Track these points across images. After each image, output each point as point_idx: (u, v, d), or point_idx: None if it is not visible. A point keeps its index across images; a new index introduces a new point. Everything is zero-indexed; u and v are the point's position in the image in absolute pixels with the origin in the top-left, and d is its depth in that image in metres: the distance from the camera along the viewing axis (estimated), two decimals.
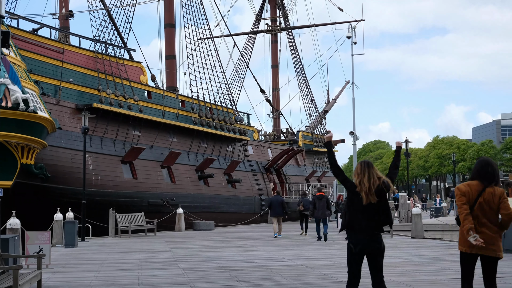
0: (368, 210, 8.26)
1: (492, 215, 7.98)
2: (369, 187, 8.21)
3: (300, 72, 72.86)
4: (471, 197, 7.99)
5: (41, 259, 13.00)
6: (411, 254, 20.51)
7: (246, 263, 18.10)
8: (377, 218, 8.31)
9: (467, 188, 8.05)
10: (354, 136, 36.43)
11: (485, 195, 7.97)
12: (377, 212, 8.30)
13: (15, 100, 25.44)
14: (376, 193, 8.25)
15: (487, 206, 7.96)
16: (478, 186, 8.03)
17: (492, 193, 7.98)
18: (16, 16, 35.69)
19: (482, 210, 7.96)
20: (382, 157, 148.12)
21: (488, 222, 7.96)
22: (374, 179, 8.25)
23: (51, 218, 26.85)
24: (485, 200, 7.96)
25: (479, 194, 7.98)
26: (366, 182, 8.22)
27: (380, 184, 8.26)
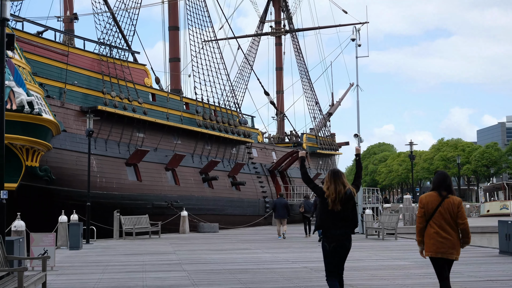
0: (335, 214, 9.29)
1: (453, 222, 9.04)
2: (335, 197, 9.24)
3: (304, 74, 72.85)
4: (430, 207, 9.09)
5: (45, 261, 13.02)
6: (415, 257, 20.46)
7: (250, 266, 18.10)
8: (345, 222, 9.33)
9: (427, 199, 9.15)
10: (358, 139, 36.31)
11: (445, 204, 9.03)
12: (344, 216, 9.30)
13: (20, 102, 25.49)
14: (340, 202, 9.24)
15: (447, 214, 9.02)
16: (437, 197, 9.12)
17: (451, 203, 9.05)
18: (21, 19, 35.76)
19: (444, 218, 9.02)
20: (387, 159, 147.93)
21: (449, 228, 9.02)
22: (339, 188, 9.27)
23: (55, 220, 26.89)
24: (445, 209, 9.02)
25: (439, 204, 9.05)
26: (333, 192, 9.25)
27: (343, 194, 9.25)
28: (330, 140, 73.09)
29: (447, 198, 9.08)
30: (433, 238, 9.04)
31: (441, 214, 9.02)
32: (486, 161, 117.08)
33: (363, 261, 19.17)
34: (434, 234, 9.04)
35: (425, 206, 9.14)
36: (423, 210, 9.17)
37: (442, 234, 9.00)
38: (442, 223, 9.02)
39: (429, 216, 9.10)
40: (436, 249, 9.02)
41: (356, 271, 16.49)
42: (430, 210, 9.09)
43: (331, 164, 73.43)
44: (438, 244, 9.00)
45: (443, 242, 8.99)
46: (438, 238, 9.00)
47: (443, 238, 8.99)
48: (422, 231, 9.22)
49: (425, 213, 9.15)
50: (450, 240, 9.01)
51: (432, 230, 9.07)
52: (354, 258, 20.24)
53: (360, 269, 16.95)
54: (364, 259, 19.89)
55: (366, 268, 16.99)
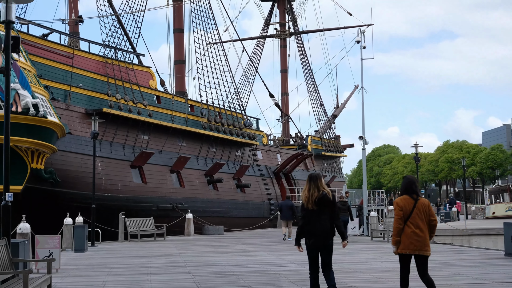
0: (312, 213, 10.25)
1: (426, 221, 10.10)
2: (308, 197, 10.27)
3: (309, 76, 72.86)
4: (407, 208, 10.07)
5: (51, 264, 13.03)
6: None
7: (255, 268, 18.08)
8: (323, 222, 10.24)
9: (403, 203, 10.13)
10: (363, 141, 36.28)
11: (419, 205, 10.11)
12: (322, 217, 10.24)
13: (25, 105, 25.53)
14: (314, 203, 10.23)
15: (421, 214, 10.06)
16: (410, 200, 10.15)
17: (423, 204, 10.13)
18: (26, 21, 35.83)
19: (419, 218, 10.06)
20: (392, 161, 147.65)
21: (423, 227, 10.06)
22: (313, 190, 10.27)
23: (61, 222, 26.90)
24: (419, 209, 10.07)
25: (414, 205, 10.08)
26: (307, 192, 10.31)
27: (317, 196, 10.21)
28: (335, 142, 73.06)
29: (419, 200, 10.15)
30: (410, 237, 9.99)
31: (417, 214, 10.06)
32: (491, 163, 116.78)
33: (368, 263, 19.13)
34: (412, 234, 9.99)
35: (403, 209, 10.09)
36: (401, 213, 10.09)
37: (418, 233, 10.00)
38: (418, 223, 10.03)
39: (407, 217, 10.06)
40: (414, 247, 9.99)
41: (361, 273, 16.46)
42: (408, 212, 10.06)
43: (336, 166, 73.42)
44: (416, 243, 9.98)
45: (419, 240, 9.98)
46: (414, 237, 9.98)
47: (419, 236, 10.00)
48: (400, 232, 10.09)
49: (403, 215, 10.07)
50: (424, 237, 10.04)
51: (409, 230, 10.02)
52: (360, 260, 20.21)
53: (365, 271, 16.91)
54: (369, 261, 19.85)
55: (371, 271, 16.96)
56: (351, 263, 19.32)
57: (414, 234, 10.00)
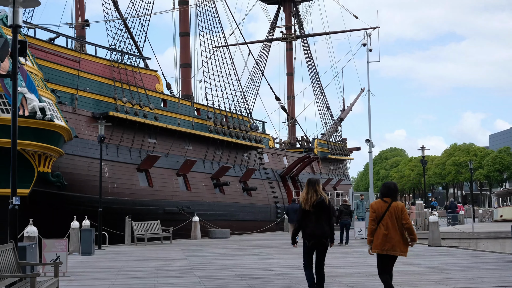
0: (310, 215, 11.16)
1: (399, 223, 10.76)
2: (306, 199, 11.15)
3: (315, 79, 72.85)
4: (380, 211, 10.83)
5: (58, 267, 13.05)
6: (428, 263, 20.38)
7: (262, 271, 18.07)
8: (322, 225, 11.18)
9: (377, 205, 10.92)
10: (370, 144, 36.27)
11: (392, 209, 10.80)
12: (320, 220, 11.16)
13: (32, 108, 25.60)
14: (312, 206, 11.12)
15: (394, 216, 10.75)
16: (383, 203, 10.89)
17: (396, 207, 10.81)
18: (33, 25, 35.94)
19: (392, 220, 10.76)
20: (398, 164, 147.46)
21: (396, 228, 10.74)
22: (311, 194, 11.16)
23: (67, 226, 26.94)
24: (391, 212, 10.76)
25: (387, 208, 10.79)
26: (304, 195, 11.20)
27: (315, 199, 11.11)
28: (341, 145, 73.01)
29: (393, 203, 10.86)
30: (381, 238, 10.76)
31: (389, 217, 10.78)
32: (498, 166, 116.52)
33: (375, 267, 19.06)
34: (382, 235, 10.75)
35: (376, 211, 10.89)
36: (374, 215, 10.89)
37: (388, 234, 10.73)
38: (389, 225, 10.76)
39: (379, 219, 10.83)
40: (383, 247, 10.77)
41: (366, 276, 16.42)
42: (380, 214, 10.84)
43: (342, 169, 73.33)
44: (385, 243, 10.73)
45: (389, 241, 10.71)
46: (385, 238, 10.73)
47: (389, 237, 10.71)
48: (373, 232, 10.91)
49: (376, 216, 10.87)
50: (394, 239, 10.71)
51: (381, 231, 10.79)
52: (366, 263, 20.15)
53: (372, 274, 16.86)
54: (376, 265, 19.78)
55: (377, 274, 16.90)
56: (358, 266, 19.28)
57: (384, 235, 10.75)
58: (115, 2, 42.38)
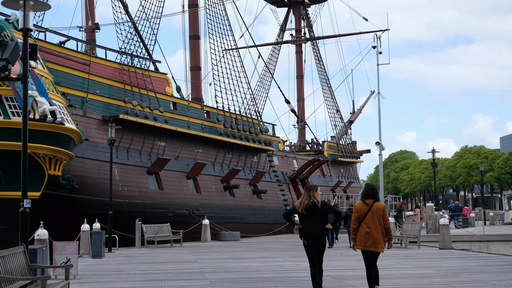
0: (305, 217, 12.22)
1: (379, 222, 11.86)
2: (300, 202, 12.24)
3: (325, 82, 72.81)
4: (362, 211, 11.91)
5: (68, 270, 13.08)
6: (439, 265, 20.30)
7: (272, 274, 18.05)
8: (317, 226, 12.17)
9: (360, 206, 12.01)
10: (380, 146, 36.17)
11: (374, 209, 11.88)
12: (314, 221, 12.16)
13: (42, 112, 25.69)
14: (305, 209, 12.19)
15: (375, 216, 11.83)
16: (364, 205, 11.98)
17: (378, 207, 11.91)
18: (44, 29, 36.09)
19: (373, 219, 11.84)
20: (409, 167, 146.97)
21: (377, 227, 11.82)
22: (304, 198, 12.23)
23: (78, 228, 27.02)
24: (373, 212, 11.86)
25: (369, 208, 11.87)
26: (300, 199, 12.28)
27: (306, 204, 12.14)
28: (351, 148, 72.91)
29: (375, 204, 11.94)
30: (364, 236, 11.85)
31: (371, 217, 11.85)
32: (509, 168, 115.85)
33: (386, 270, 19.02)
34: (365, 233, 11.83)
35: (359, 211, 11.98)
36: (357, 215, 11.99)
37: (370, 232, 11.80)
38: (370, 224, 11.83)
39: (362, 219, 11.92)
40: (365, 244, 11.86)
41: (379, 279, 16.36)
42: (363, 214, 11.92)
43: (352, 172, 73.20)
44: (367, 240, 11.81)
45: (369, 238, 11.79)
46: (367, 236, 11.80)
47: (371, 235, 11.79)
48: (356, 231, 12.01)
49: (358, 216, 11.96)
50: (375, 236, 11.80)
51: (363, 230, 11.86)
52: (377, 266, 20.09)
53: (382, 277, 16.78)
54: (386, 267, 19.73)
55: (388, 277, 16.86)
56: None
57: (366, 233, 11.84)
58: (125, 5, 42.50)
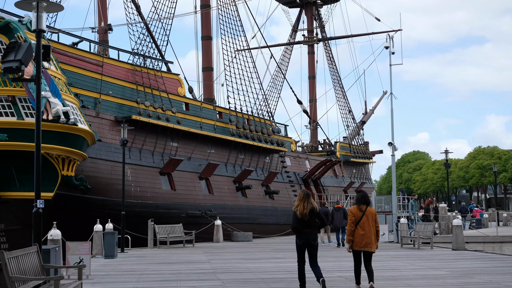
0: (303, 221, 13.43)
1: (372, 225, 13.45)
2: (302, 209, 13.40)
3: (337, 82, 72.67)
4: (358, 215, 13.46)
5: (81, 270, 13.13)
6: (452, 267, 20.22)
7: (284, 275, 18.03)
8: (311, 227, 13.50)
9: (355, 210, 13.53)
10: (392, 147, 35.95)
11: (367, 213, 13.47)
12: (310, 223, 13.44)
13: (56, 112, 25.78)
14: (307, 214, 13.38)
15: (369, 220, 13.42)
16: (360, 211, 13.50)
17: (371, 212, 13.53)
18: (57, 30, 36.24)
19: (367, 223, 13.40)
20: (421, 167, 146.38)
21: (370, 229, 13.40)
22: (305, 205, 13.43)
23: (91, 229, 27.10)
24: (367, 216, 13.43)
25: (363, 212, 13.44)
26: (301, 207, 13.42)
27: (308, 209, 13.36)
28: (363, 148, 72.72)
29: (368, 208, 13.49)
30: (360, 237, 13.38)
31: (365, 220, 13.41)
32: None
33: (399, 271, 18.98)
34: (361, 235, 13.37)
35: (355, 215, 13.47)
36: (354, 218, 13.46)
37: (365, 234, 13.36)
38: (365, 227, 13.37)
39: (357, 222, 13.41)
40: (361, 245, 13.42)
41: (391, 280, 16.34)
42: (358, 218, 13.44)
43: (364, 172, 73.02)
44: (362, 242, 13.37)
45: (365, 239, 13.35)
46: (362, 237, 13.37)
47: (366, 237, 13.36)
48: (352, 233, 13.46)
49: (355, 220, 13.43)
50: (370, 238, 13.40)
51: (358, 232, 13.41)
52: (389, 267, 20.05)
53: (395, 278, 16.78)
54: (399, 268, 19.69)
55: (401, 278, 16.82)
56: (381, 270, 19.18)
57: (361, 235, 13.37)
58: (137, 6, 42.60)
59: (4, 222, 27.56)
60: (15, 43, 13.54)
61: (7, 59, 13.27)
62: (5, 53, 13.43)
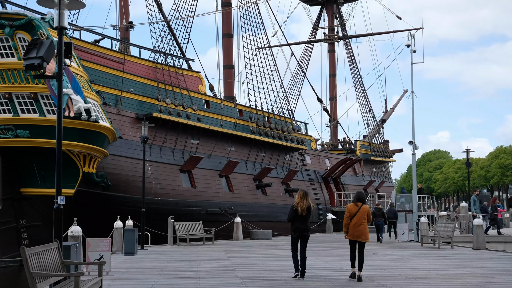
0: (301, 217, 16.11)
1: (365, 219, 16.01)
2: (302, 207, 16.03)
3: (357, 81, 72.37)
4: (353, 211, 16.07)
5: (101, 266, 13.19)
6: (472, 266, 20.07)
7: None
8: (305, 221, 16.22)
9: (352, 207, 16.17)
10: (413, 146, 35.70)
11: (361, 209, 16.05)
12: (305, 218, 16.17)
13: (77, 109, 25.95)
14: (306, 210, 16.07)
15: (362, 215, 15.99)
16: (355, 206, 16.15)
17: (364, 209, 16.10)
18: (79, 27, 36.44)
19: (362, 216, 15.99)
20: (442, 166, 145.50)
21: (364, 222, 15.97)
22: (305, 202, 16.10)
23: (111, 225, 27.24)
24: (361, 212, 16.02)
25: (358, 209, 16.04)
26: (302, 204, 16.06)
27: (306, 206, 16.05)
28: (383, 147, 72.40)
29: (363, 206, 16.09)
30: (354, 229, 15.95)
31: (359, 216, 15.98)
32: None
33: (419, 270, 18.87)
34: (354, 227, 15.94)
35: (350, 211, 16.09)
36: (349, 213, 16.08)
37: (358, 227, 15.91)
38: (359, 221, 15.93)
39: (353, 216, 15.98)
40: (354, 235, 15.99)
41: (412, 279, 16.26)
42: (353, 213, 16.03)
43: (384, 171, 72.71)
44: (356, 233, 15.93)
45: (358, 231, 15.92)
46: (356, 228, 15.92)
47: (358, 229, 15.92)
48: (347, 226, 16.07)
49: (350, 214, 16.05)
50: (362, 230, 15.94)
51: (353, 224, 15.95)
52: (410, 266, 19.95)
53: (416, 277, 16.69)
54: (419, 267, 19.58)
55: (422, 277, 16.73)
56: (401, 269, 19.10)
57: (355, 227, 15.92)
58: (159, 4, 42.73)
59: (26, 218, 27.80)
60: (37, 40, 13.62)
61: (29, 56, 13.36)
62: (27, 50, 13.51)
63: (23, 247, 10.66)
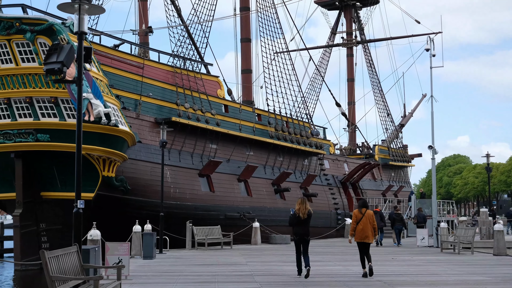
0: (301, 222, 17.50)
1: (370, 222, 17.65)
2: (303, 212, 17.44)
3: (376, 85, 72.09)
4: (359, 216, 17.73)
5: (120, 270, 13.24)
6: (493, 272, 19.89)
7: (322, 278, 17.93)
8: (305, 225, 17.56)
9: (357, 213, 17.86)
10: (433, 150, 35.42)
11: (367, 214, 17.72)
12: (305, 223, 17.52)
13: (97, 114, 26.10)
14: (305, 215, 17.43)
15: (367, 219, 17.64)
16: (361, 213, 17.79)
17: (369, 213, 17.74)
18: (98, 32, 36.69)
19: (366, 221, 17.61)
20: (462, 171, 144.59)
21: (369, 226, 17.60)
22: (305, 207, 17.51)
23: (130, 229, 27.31)
24: (366, 217, 17.66)
25: (363, 214, 17.70)
26: (303, 209, 17.48)
27: (306, 211, 17.46)
28: (402, 151, 72.07)
29: (367, 211, 17.79)
30: (360, 232, 17.57)
31: (364, 220, 17.61)
32: None
33: (439, 275, 18.74)
34: (359, 230, 17.58)
35: (356, 216, 17.77)
36: (355, 218, 17.75)
37: (363, 230, 17.53)
38: (364, 224, 17.56)
39: (359, 221, 17.64)
40: (360, 237, 17.61)
41: (430, 285, 16.14)
42: (359, 218, 17.68)
43: (403, 176, 72.38)
44: (361, 235, 17.54)
45: (364, 234, 17.53)
46: (362, 232, 17.52)
47: (364, 231, 17.53)
48: (354, 228, 17.68)
49: (356, 219, 17.72)
50: (367, 232, 17.56)
51: (359, 228, 17.61)
52: (430, 272, 19.82)
53: (436, 283, 16.57)
54: (439, 273, 19.44)
55: (442, 283, 16.61)
56: (420, 275, 18.97)
57: (361, 230, 17.54)
58: (177, 9, 42.92)
59: (46, 222, 28.00)
60: (57, 45, 13.72)
61: (49, 60, 13.46)
62: (48, 55, 13.62)
63: (43, 251, 10.73)
